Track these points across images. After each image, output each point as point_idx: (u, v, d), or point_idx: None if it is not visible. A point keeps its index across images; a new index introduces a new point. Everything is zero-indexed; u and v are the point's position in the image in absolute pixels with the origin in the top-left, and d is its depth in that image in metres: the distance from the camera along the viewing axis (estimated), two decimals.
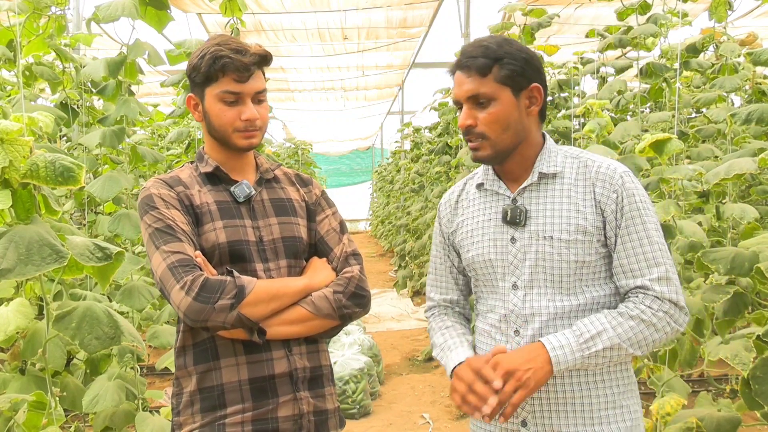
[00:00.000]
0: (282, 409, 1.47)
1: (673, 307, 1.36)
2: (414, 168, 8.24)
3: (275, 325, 1.44)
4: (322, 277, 1.53)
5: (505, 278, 1.46)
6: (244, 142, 1.52)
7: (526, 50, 1.44)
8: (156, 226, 1.43)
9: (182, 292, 1.35)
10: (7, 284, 2.21)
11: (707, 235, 2.63)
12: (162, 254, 1.40)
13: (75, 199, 3.05)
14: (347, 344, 4.85)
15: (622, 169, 1.43)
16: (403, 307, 7.64)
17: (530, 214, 1.44)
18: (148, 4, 2.61)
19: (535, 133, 1.48)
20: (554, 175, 1.45)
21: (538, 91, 1.43)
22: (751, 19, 6.39)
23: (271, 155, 5.67)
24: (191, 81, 1.55)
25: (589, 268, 1.41)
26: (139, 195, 1.52)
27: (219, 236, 1.48)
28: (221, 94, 1.49)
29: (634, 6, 3.35)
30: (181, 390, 1.51)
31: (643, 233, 1.38)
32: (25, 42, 2.69)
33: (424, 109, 6.78)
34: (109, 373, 2.34)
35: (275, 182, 1.64)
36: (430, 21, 7.40)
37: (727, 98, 3.68)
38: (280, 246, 1.54)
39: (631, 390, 1.45)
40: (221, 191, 1.55)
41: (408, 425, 4.14)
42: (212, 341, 1.47)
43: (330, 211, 1.67)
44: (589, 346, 1.33)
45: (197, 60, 1.50)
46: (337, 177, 20.26)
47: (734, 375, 3.63)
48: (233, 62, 1.47)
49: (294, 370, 1.49)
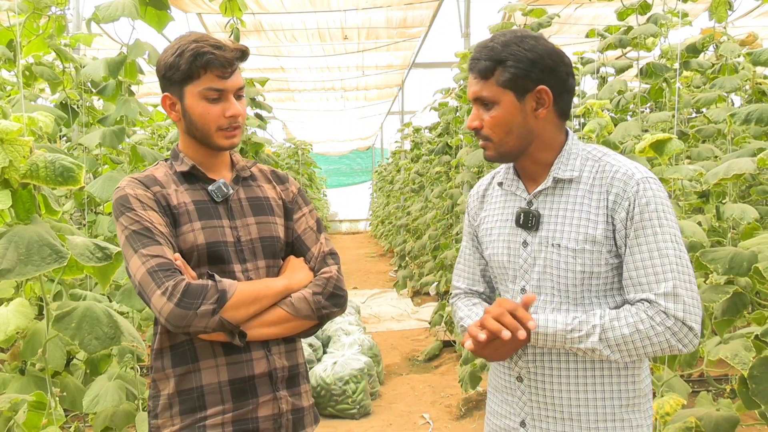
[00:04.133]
0: (262, 408, 1.47)
1: (679, 324, 1.28)
2: (414, 168, 8.25)
3: (255, 327, 1.43)
4: (301, 278, 1.53)
5: (516, 281, 1.45)
6: (225, 141, 1.50)
7: (535, 49, 1.36)
8: (133, 228, 1.41)
9: (164, 298, 1.33)
10: (7, 284, 2.21)
11: (707, 235, 2.63)
12: (141, 258, 1.37)
13: (75, 199, 3.05)
14: (347, 344, 4.85)
15: (640, 176, 1.34)
16: (403, 307, 7.64)
17: (543, 219, 1.41)
18: (148, 4, 2.62)
19: (550, 134, 1.42)
20: (570, 180, 1.40)
21: (545, 93, 1.37)
22: (751, 19, 6.39)
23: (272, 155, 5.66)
24: (167, 80, 1.50)
25: (598, 279, 1.36)
26: (114, 195, 1.48)
27: (197, 237, 1.46)
28: (204, 91, 1.46)
29: (634, 6, 3.35)
30: (159, 392, 1.49)
31: (653, 245, 1.31)
32: (25, 42, 2.69)
33: (424, 109, 6.78)
34: (109, 373, 2.34)
35: (252, 180, 1.62)
36: (430, 21, 7.40)
37: (727, 98, 3.69)
38: (258, 246, 1.53)
39: (637, 404, 1.40)
40: (198, 190, 1.52)
41: (408, 425, 4.14)
42: (191, 343, 1.45)
43: (307, 209, 1.66)
44: (574, 342, 1.32)
45: (174, 58, 1.45)
46: (337, 177, 20.26)
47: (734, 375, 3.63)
48: (217, 58, 1.44)
49: (273, 370, 1.49)
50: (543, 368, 1.40)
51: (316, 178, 12.59)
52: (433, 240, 6.81)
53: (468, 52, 4.88)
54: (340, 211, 19.79)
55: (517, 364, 1.44)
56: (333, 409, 4.26)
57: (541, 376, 1.41)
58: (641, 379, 1.41)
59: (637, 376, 1.40)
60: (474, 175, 4.93)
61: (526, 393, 1.44)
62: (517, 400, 1.46)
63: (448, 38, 6.90)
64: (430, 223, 6.97)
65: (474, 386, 4.00)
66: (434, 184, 7.14)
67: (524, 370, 1.43)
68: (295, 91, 11.30)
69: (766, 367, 1.74)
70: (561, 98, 1.40)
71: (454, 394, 4.56)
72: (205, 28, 6.91)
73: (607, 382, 1.37)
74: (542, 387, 1.41)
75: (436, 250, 6.73)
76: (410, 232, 9.02)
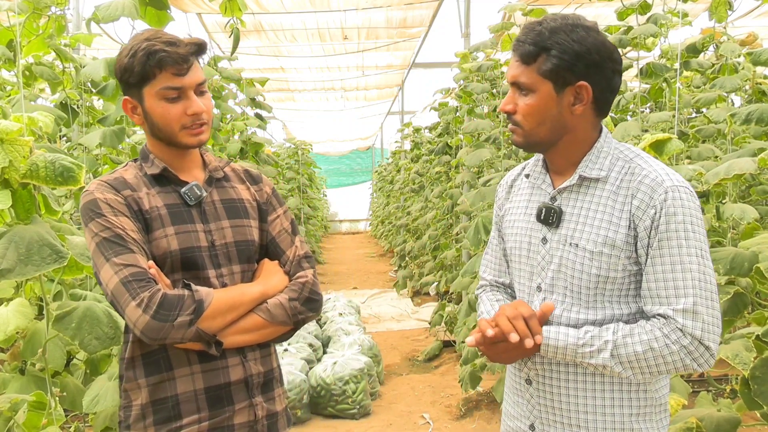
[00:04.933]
0: (238, 416, 1.45)
1: (695, 344, 1.23)
2: (414, 168, 8.25)
3: (231, 334, 1.40)
4: (276, 282, 1.49)
5: (532, 278, 1.42)
6: (192, 140, 1.45)
7: (584, 41, 1.28)
8: (104, 236, 1.35)
9: (139, 310, 1.29)
10: (7, 284, 2.21)
11: (707, 235, 2.63)
12: (113, 267, 1.32)
13: (75, 199, 3.05)
14: (347, 344, 4.85)
15: (670, 184, 1.27)
16: (403, 307, 7.64)
17: (564, 216, 1.36)
18: (148, 4, 2.61)
19: (584, 131, 1.36)
20: (597, 179, 1.34)
21: (585, 90, 1.30)
22: (751, 19, 6.39)
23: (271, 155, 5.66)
24: (124, 83, 1.44)
25: (613, 284, 1.31)
26: (81, 199, 1.41)
27: (171, 243, 1.41)
28: (162, 91, 1.40)
29: (634, 6, 3.35)
30: (130, 402, 1.45)
31: (677, 258, 1.24)
32: (25, 42, 2.69)
33: (424, 109, 6.78)
34: (109, 373, 2.33)
35: (225, 181, 1.57)
36: (430, 21, 7.40)
37: (727, 98, 3.69)
38: (233, 250, 1.49)
39: (649, 413, 1.35)
40: (170, 193, 1.47)
41: (408, 425, 4.13)
42: (164, 352, 1.41)
43: (281, 210, 1.61)
44: (584, 357, 1.29)
45: (128, 59, 1.39)
46: (337, 177, 20.25)
47: (734, 375, 3.63)
48: (170, 55, 1.37)
49: (249, 377, 1.47)
50: (551, 372, 1.38)
51: (316, 178, 12.60)
52: (433, 240, 6.81)
53: (468, 52, 4.88)
54: (340, 211, 19.78)
55: (526, 365, 1.42)
56: (333, 409, 4.26)
57: (549, 380, 1.38)
58: (656, 389, 1.37)
59: (649, 385, 1.35)
60: (474, 175, 4.93)
61: (535, 396, 1.42)
62: (526, 402, 1.44)
63: (448, 38, 6.90)
64: (430, 223, 6.97)
65: (474, 386, 4.00)
66: (434, 184, 7.14)
67: (533, 372, 1.41)
68: (295, 91, 11.29)
69: (767, 367, 1.74)
70: (602, 96, 1.33)
71: (454, 394, 4.56)
72: (205, 28, 6.91)
73: (617, 389, 1.34)
74: (550, 391, 1.39)
75: (436, 250, 6.73)
76: (410, 232, 9.02)
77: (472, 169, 4.82)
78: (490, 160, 4.22)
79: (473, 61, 4.70)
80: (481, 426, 4.03)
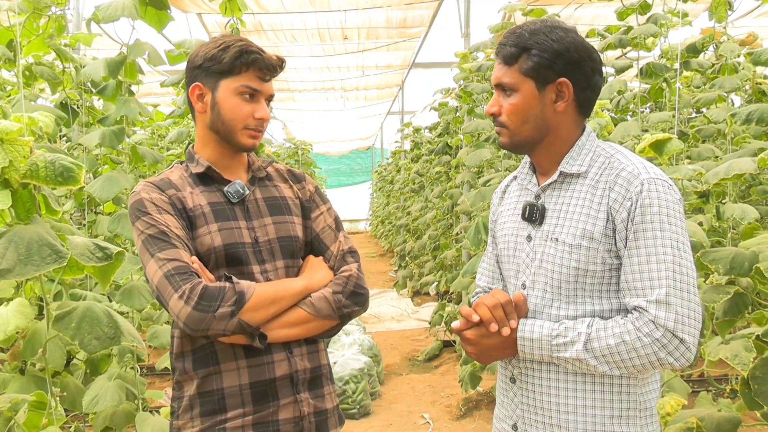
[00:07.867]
0: (283, 411, 1.46)
1: (668, 336, 1.22)
2: (414, 168, 8.25)
3: (275, 328, 1.42)
4: (320, 277, 1.51)
5: (518, 276, 1.43)
6: (249, 141, 1.51)
7: (562, 40, 1.33)
8: (149, 233, 1.40)
9: (181, 302, 1.32)
10: (7, 284, 2.21)
11: (707, 235, 2.63)
12: (157, 262, 1.36)
13: (75, 199, 3.05)
14: (347, 344, 4.85)
15: (647, 176, 1.29)
16: (403, 307, 7.64)
17: (547, 213, 1.39)
18: (148, 4, 2.61)
19: (566, 130, 1.39)
20: (578, 174, 1.37)
21: (566, 87, 1.34)
22: (751, 19, 6.39)
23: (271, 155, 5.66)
24: (203, 70, 1.49)
25: (593, 279, 1.32)
26: (129, 200, 1.48)
27: (214, 239, 1.45)
28: (241, 87, 1.47)
29: (634, 6, 3.35)
30: (182, 394, 1.49)
31: (651, 249, 1.25)
32: (25, 42, 2.69)
33: (424, 109, 6.78)
34: (109, 373, 2.34)
35: (268, 180, 1.62)
36: (430, 21, 7.40)
37: (727, 98, 3.69)
38: (276, 246, 1.52)
39: (632, 417, 1.33)
40: (214, 192, 1.52)
41: (408, 425, 4.14)
42: (212, 346, 1.44)
43: (324, 208, 1.64)
44: (559, 349, 1.30)
45: (218, 51, 1.47)
46: (337, 177, 20.26)
47: (734, 375, 3.63)
48: (262, 59, 1.47)
49: (295, 372, 1.48)
50: (533, 370, 1.38)
51: (316, 178, 12.60)
52: (433, 240, 6.81)
53: (468, 52, 4.88)
54: (340, 211, 19.63)
55: (510, 363, 1.43)
56: None
57: (531, 377, 1.39)
58: (641, 392, 1.35)
59: (632, 387, 1.33)
60: (474, 175, 4.93)
61: (518, 395, 1.42)
62: (510, 401, 1.45)
63: (448, 38, 6.91)
64: (430, 223, 6.97)
65: (474, 386, 4.00)
66: (434, 184, 7.14)
67: (516, 370, 1.42)
68: (295, 91, 11.30)
69: (767, 367, 1.74)
70: (583, 94, 1.37)
71: (454, 394, 4.56)
72: (205, 28, 6.91)
73: (598, 390, 1.33)
74: (532, 390, 1.39)
75: (436, 250, 6.73)
76: (410, 232, 9.02)
77: (472, 169, 4.82)
78: (490, 160, 4.22)
79: (473, 61, 4.70)
80: (481, 426, 4.03)
